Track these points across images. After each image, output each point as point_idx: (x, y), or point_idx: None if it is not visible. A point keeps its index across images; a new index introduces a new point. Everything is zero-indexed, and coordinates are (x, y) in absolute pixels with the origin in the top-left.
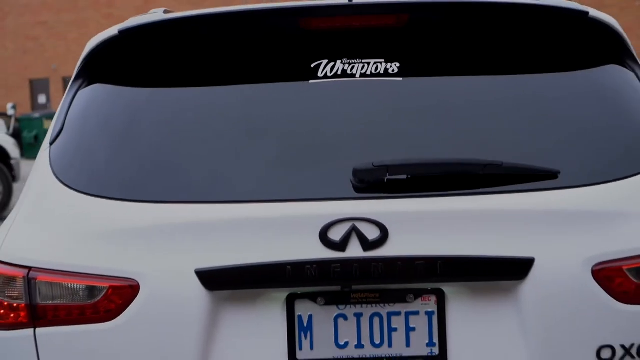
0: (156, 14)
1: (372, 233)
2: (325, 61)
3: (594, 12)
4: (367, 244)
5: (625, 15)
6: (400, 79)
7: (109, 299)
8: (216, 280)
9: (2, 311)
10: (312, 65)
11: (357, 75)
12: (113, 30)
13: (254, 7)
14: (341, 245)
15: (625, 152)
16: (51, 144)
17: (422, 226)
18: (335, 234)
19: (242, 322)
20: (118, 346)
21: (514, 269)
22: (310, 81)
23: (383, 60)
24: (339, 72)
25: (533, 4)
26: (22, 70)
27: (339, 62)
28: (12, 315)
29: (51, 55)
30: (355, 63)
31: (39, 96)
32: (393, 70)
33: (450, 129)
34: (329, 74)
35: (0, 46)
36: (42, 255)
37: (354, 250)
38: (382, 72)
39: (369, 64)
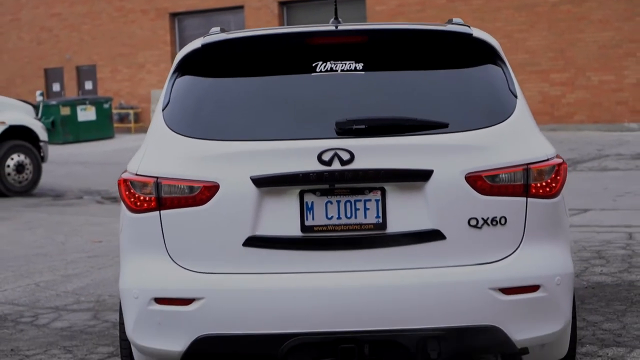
0: (218, 34)
1: (345, 156)
2: (320, 62)
3: (476, 33)
4: (343, 162)
5: (603, 9)
6: (363, 72)
7: (202, 193)
8: (261, 182)
9: (138, 203)
10: (313, 65)
11: (339, 70)
12: (197, 44)
13: (279, 31)
14: (329, 163)
15: (489, 113)
16: (163, 110)
17: (373, 152)
18: (326, 157)
19: (275, 205)
20: (207, 218)
21: (422, 175)
22: (312, 74)
23: (353, 62)
24: (328, 69)
25: (440, 29)
26: (37, 59)
27: (328, 62)
28: (145, 204)
29: (65, 45)
30: (337, 63)
31: (54, 84)
32: (359, 68)
33: (390, 99)
34: (322, 70)
35: (16, 37)
36: (163, 170)
37: (336, 165)
38: (353, 69)
39: (345, 63)
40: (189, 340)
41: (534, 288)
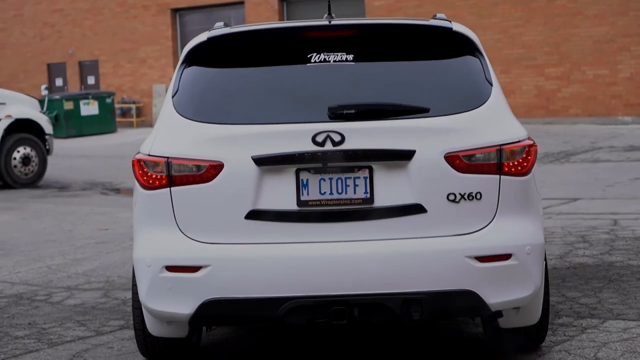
0: (222, 28)
1: (337, 137)
2: (315, 53)
3: (456, 27)
4: (334, 143)
5: (598, 4)
6: (353, 63)
7: (208, 171)
8: (261, 161)
9: (150, 180)
10: (308, 56)
11: (331, 61)
12: (203, 37)
13: (278, 26)
14: (322, 144)
15: (467, 99)
16: (173, 96)
17: (361, 134)
18: (319, 138)
19: (274, 181)
20: (213, 194)
21: (405, 155)
22: (307, 64)
23: (345, 53)
24: (322, 60)
25: (422, 24)
26: (40, 55)
27: (322, 54)
28: (157, 182)
29: (67, 41)
30: (330, 54)
31: (56, 79)
32: (349, 59)
33: (377, 86)
34: (317, 61)
35: (19, 32)
36: (173, 151)
37: (328, 146)
38: (344, 59)
39: (337, 55)
40: (197, 303)
41: (506, 256)
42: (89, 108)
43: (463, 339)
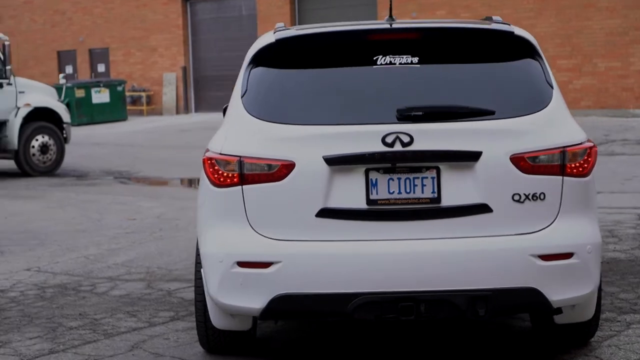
0: (287, 30)
1: (406, 139)
2: (380, 56)
3: (517, 32)
4: (403, 144)
5: (607, 1)
6: (419, 65)
7: (280, 170)
8: (332, 161)
9: (221, 178)
10: (374, 58)
11: (397, 63)
12: (271, 39)
13: (342, 28)
14: (391, 144)
15: (530, 102)
16: (242, 97)
17: (429, 136)
18: (389, 139)
19: (344, 181)
20: (284, 192)
21: (472, 156)
22: (374, 66)
23: (410, 56)
24: (388, 62)
25: (485, 27)
26: (50, 42)
27: (388, 56)
28: (228, 180)
29: (78, 28)
30: (396, 57)
31: (66, 67)
32: (414, 61)
33: (442, 89)
34: (382, 63)
35: (30, 20)
36: (245, 150)
37: (397, 147)
38: (409, 62)
39: (402, 57)
40: (268, 298)
41: (568, 255)
42: (100, 96)
43: (511, 333)
